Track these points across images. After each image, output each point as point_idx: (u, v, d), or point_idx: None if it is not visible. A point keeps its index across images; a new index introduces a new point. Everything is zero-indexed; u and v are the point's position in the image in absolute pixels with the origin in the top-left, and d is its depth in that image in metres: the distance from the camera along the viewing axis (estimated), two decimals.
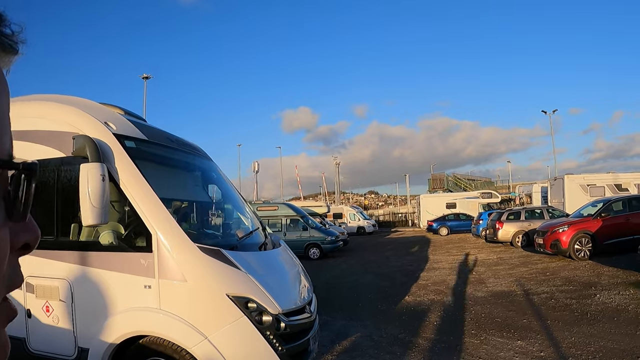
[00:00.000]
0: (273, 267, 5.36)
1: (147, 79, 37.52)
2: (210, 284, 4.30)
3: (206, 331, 4.11)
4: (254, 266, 4.70)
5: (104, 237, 4.48)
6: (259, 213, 20.31)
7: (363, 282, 14.05)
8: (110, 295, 4.30)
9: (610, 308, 8.65)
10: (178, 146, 5.71)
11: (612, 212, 15.51)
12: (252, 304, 4.29)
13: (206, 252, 4.34)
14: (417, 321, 8.67)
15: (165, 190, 5.04)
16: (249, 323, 4.22)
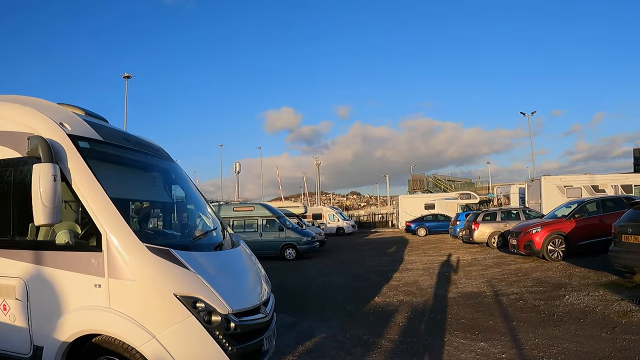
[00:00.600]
0: (227, 267, 5.31)
1: (128, 78, 37.52)
2: (158, 284, 4.31)
3: (154, 330, 4.14)
4: (205, 266, 4.70)
5: (59, 236, 4.47)
6: (235, 214, 20.26)
7: (335, 283, 13.89)
8: (64, 294, 4.35)
9: (578, 309, 8.52)
10: (135, 147, 5.65)
11: (586, 213, 15.42)
12: (201, 304, 4.32)
13: (154, 252, 4.38)
14: (383, 322, 8.51)
15: (119, 190, 5.08)
16: (197, 323, 4.26)
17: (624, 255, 9.92)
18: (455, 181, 74.48)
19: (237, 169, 57.52)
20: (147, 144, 6.05)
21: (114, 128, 5.69)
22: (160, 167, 6.22)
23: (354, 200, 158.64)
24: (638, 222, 9.78)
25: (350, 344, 7.23)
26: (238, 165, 57.59)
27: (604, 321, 7.60)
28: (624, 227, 10.05)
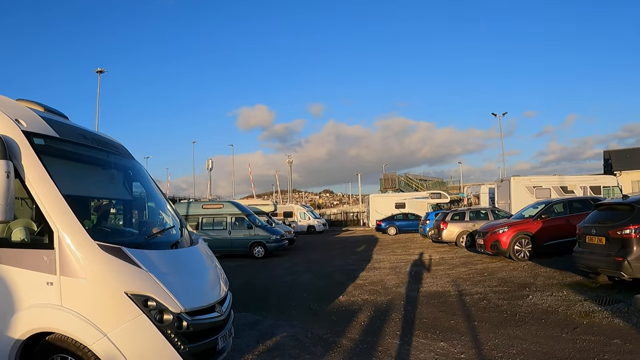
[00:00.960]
0: (182, 266, 5.28)
1: (101, 72, 37.09)
2: (109, 282, 4.29)
3: (105, 329, 4.13)
4: (158, 264, 4.69)
5: (15, 234, 4.44)
6: (204, 211, 20.11)
7: (301, 281, 13.79)
8: (17, 292, 4.31)
9: (541, 309, 8.49)
10: (93, 144, 5.56)
11: (553, 214, 15.49)
12: (152, 303, 4.31)
13: (106, 250, 4.36)
14: (345, 321, 8.42)
15: (73, 188, 5.05)
16: (148, 321, 4.25)
17: (588, 256, 9.91)
18: (427, 180, 74.91)
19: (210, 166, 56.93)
20: (106, 141, 5.94)
21: (72, 125, 5.58)
22: (119, 164, 6.11)
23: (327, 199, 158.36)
24: (602, 223, 9.77)
25: (310, 343, 7.14)
26: (211, 162, 56.88)
27: (565, 322, 7.57)
28: (588, 228, 10.03)
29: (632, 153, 48.50)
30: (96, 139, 5.71)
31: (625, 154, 48.79)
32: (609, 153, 50.43)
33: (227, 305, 5.47)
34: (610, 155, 49.21)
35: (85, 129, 5.71)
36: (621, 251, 8.96)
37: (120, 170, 6.16)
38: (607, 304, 8.38)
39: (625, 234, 8.96)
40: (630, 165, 44.80)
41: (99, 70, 36.81)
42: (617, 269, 9.03)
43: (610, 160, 48.02)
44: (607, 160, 49.56)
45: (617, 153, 49.50)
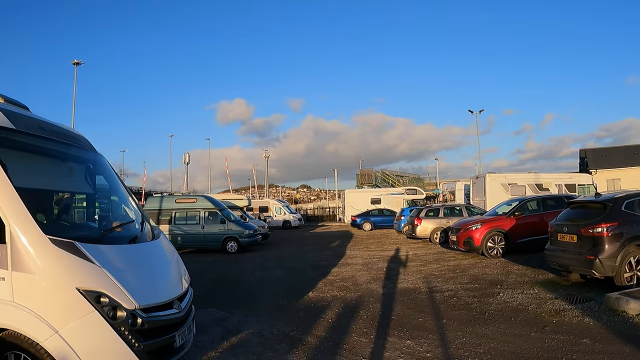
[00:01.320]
0: (139, 261, 5.20)
1: (78, 64, 36.51)
2: (61, 277, 4.19)
3: (57, 325, 4.02)
4: (113, 260, 4.61)
5: None
6: (177, 205, 19.96)
7: (272, 277, 13.59)
8: None
9: (511, 307, 8.36)
10: (52, 136, 5.39)
11: (527, 211, 15.48)
12: (105, 299, 4.21)
13: (58, 245, 4.25)
14: (313, 318, 8.27)
15: (29, 181, 4.97)
16: (100, 318, 4.16)
17: (560, 254, 9.84)
18: (404, 176, 74.96)
19: (187, 160, 57.10)
20: (66, 134, 5.75)
21: (31, 116, 5.38)
22: (79, 157, 5.94)
23: (304, 194, 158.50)
24: (574, 221, 9.69)
25: (275, 340, 7.00)
26: (187, 156, 57.27)
27: (535, 320, 7.44)
28: (560, 226, 9.96)
29: (607, 152, 49.09)
30: (56, 131, 5.50)
31: (601, 152, 49.33)
32: (585, 152, 50.95)
33: (187, 301, 5.37)
34: (586, 153, 49.70)
35: (45, 120, 5.51)
36: (593, 249, 8.89)
37: (80, 163, 5.99)
38: (578, 303, 8.28)
39: (597, 232, 8.89)
40: (606, 164, 45.29)
41: (76, 62, 36.21)
42: (588, 267, 8.96)
43: (586, 159, 48.52)
44: (583, 158, 50.08)
45: (593, 152, 50.00)
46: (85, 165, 6.03)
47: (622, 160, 45.28)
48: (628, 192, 9.82)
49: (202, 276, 14.03)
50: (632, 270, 8.77)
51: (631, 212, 9.08)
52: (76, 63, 36.20)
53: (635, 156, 45.65)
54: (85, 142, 6.08)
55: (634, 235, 8.82)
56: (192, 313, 5.58)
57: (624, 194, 9.55)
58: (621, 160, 45.32)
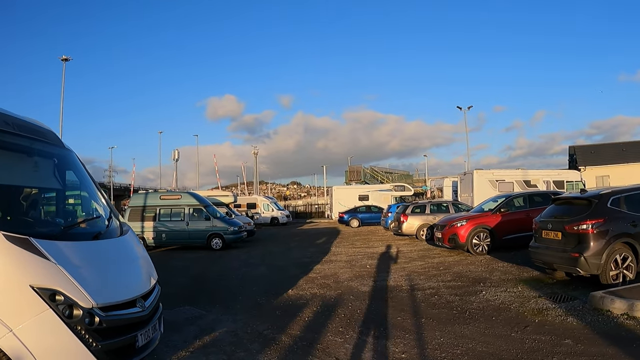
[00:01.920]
0: (101, 258, 5.02)
1: (67, 60, 36.05)
2: (13, 274, 4.04)
3: (11, 324, 3.87)
4: (71, 257, 4.46)
5: None
6: (162, 202, 19.84)
7: (254, 274, 13.38)
8: None
9: (493, 306, 8.13)
10: (16, 130, 5.17)
11: (513, 208, 15.26)
12: (60, 297, 4.08)
13: (12, 241, 4.11)
14: (289, 317, 8.03)
15: None
16: (55, 317, 4.02)
17: (544, 251, 9.62)
18: (393, 173, 74.82)
19: (176, 157, 57.08)
20: (32, 128, 5.53)
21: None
22: (45, 152, 5.76)
23: (294, 190, 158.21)
24: (559, 218, 9.47)
25: (249, 339, 6.81)
26: (177, 153, 57.34)
27: (516, 319, 7.20)
28: (545, 222, 9.73)
29: (596, 149, 49.23)
30: (20, 125, 5.30)
31: (590, 149, 49.41)
32: (574, 148, 51.01)
33: (152, 299, 5.22)
34: (576, 150, 49.76)
35: (9, 114, 5.30)
36: (577, 247, 8.68)
37: (46, 158, 5.79)
38: (562, 301, 8.06)
39: (581, 230, 8.67)
40: (595, 161, 45.37)
41: (64, 58, 35.76)
42: (573, 265, 8.74)
43: (575, 156, 48.59)
44: (572, 155, 50.15)
45: (582, 149, 50.07)
46: (51, 160, 5.85)
47: (611, 157, 45.34)
48: (614, 188, 9.61)
49: (183, 273, 13.93)
50: (617, 268, 8.56)
51: (617, 209, 8.87)
52: (64, 59, 35.82)
53: (624, 153, 45.74)
54: (53, 136, 5.90)
55: (620, 233, 8.62)
56: (158, 312, 5.43)
57: (609, 190, 9.33)
58: (610, 157, 45.38)
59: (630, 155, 44.86)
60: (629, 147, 47.56)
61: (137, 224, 21.28)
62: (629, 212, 8.87)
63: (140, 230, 21.12)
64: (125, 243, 5.57)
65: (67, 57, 35.84)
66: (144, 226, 21.32)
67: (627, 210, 8.92)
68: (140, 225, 21.30)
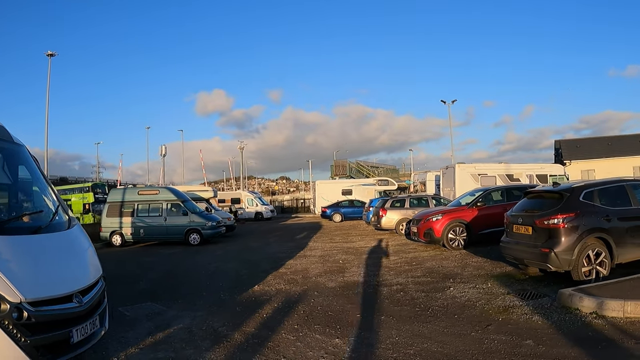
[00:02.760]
0: (37, 253, 4.97)
1: (52, 56, 35.19)
2: None
3: None
4: (1, 251, 4.43)
5: None
6: (140, 197, 19.66)
7: (225, 269, 13.11)
8: None
9: (458, 303, 7.79)
10: None
11: (491, 202, 14.95)
12: None
13: None
14: (249, 313, 7.80)
15: None
16: None
17: (515, 246, 9.29)
18: (379, 167, 74.55)
19: (163, 153, 57.43)
20: None
21: None
22: None
23: (283, 185, 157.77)
24: (530, 212, 9.14)
25: (201, 336, 6.62)
26: (164, 148, 57.72)
27: (480, 318, 6.88)
28: (515, 217, 9.40)
29: (582, 143, 49.08)
30: None
31: (575, 143, 49.27)
32: (559, 142, 50.85)
33: (93, 294, 5.16)
34: (561, 144, 49.60)
35: None
36: (548, 242, 8.34)
37: None
38: (530, 298, 7.72)
39: (552, 224, 8.33)
40: (580, 155, 45.27)
41: (50, 53, 34.96)
42: (543, 260, 8.39)
43: (560, 150, 48.43)
44: (558, 149, 50.01)
45: (567, 142, 49.93)
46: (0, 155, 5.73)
47: (596, 151, 45.27)
48: (587, 182, 9.28)
49: (155, 269, 13.77)
50: (590, 264, 8.22)
51: (590, 203, 8.52)
52: (50, 54, 35.02)
53: (610, 147, 45.67)
54: (3, 131, 5.80)
55: (593, 227, 8.27)
56: (101, 307, 5.38)
57: (582, 184, 8.99)
58: (596, 151, 45.31)
59: (616, 150, 44.81)
60: (615, 141, 47.54)
61: (115, 219, 21.24)
62: (602, 206, 8.53)
63: (118, 225, 21.10)
64: (69, 237, 5.49)
65: (53, 53, 34.80)
66: (122, 222, 21.18)
67: (601, 204, 8.57)
68: (119, 220, 21.21)
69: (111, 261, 16.10)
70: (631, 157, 43.17)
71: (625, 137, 49.30)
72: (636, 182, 9.27)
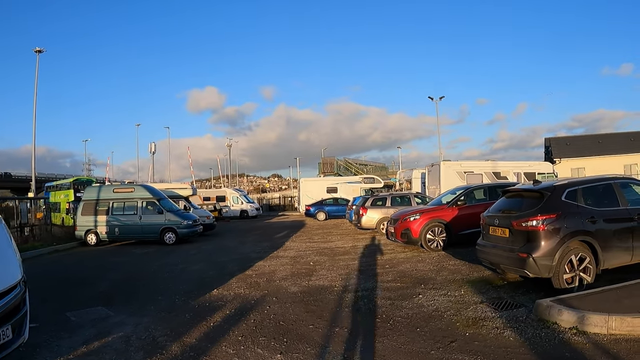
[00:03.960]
0: None
1: (40, 52, 35.29)
2: None
3: None
4: None
5: None
6: (115, 195, 20.24)
7: (189, 271, 12.46)
8: None
9: (424, 314, 6.99)
10: None
11: (473, 200, 14.15)
12: None
13: None
14: (196, 321, 7.20)
15: None
16: None
17: (490, 250, 8.49)
18: (368, 165, 73.85)
19: (153, 150, 57.86)
20: None
21: None
22: None
23: (275, 183, 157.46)
24: (506, 212, 8.33)
25: (137, 347, 6.12)
26: (153, 145, 58.10)
27: (445, 332, 6.09)
28: (492, 218, 8.61)
29: (572, 141, 48.46)
30: None
31: (565, 141, 48.61)
32: (549, 140, 50.16)
33: (5, 301, 4.85)
34: (551, 142, 48.88)
35: None
36: (526, 246, 7.53)
37: None
38: (505, 309, 6.92)
39: (530, 226, 7.51)
40: (570, 153, 44.68)
41: (38, 49, 35.15)
42: (520, 266, 7.58)
43: (550, 147, 47.69)
44: (548, 147, 49.30)
45: (557, 140, 49.26)
46: None
47: (587, 149, 44.63)
48: (571, 180, 8.46)
49: (119, 270, 13.26)
50: (573, 270, 7.41)
51: (573, 203, 7.71)
52: (38, 51, 35.14)
53: (600, 145, 45.03)
54: None
55: (576, 230, 7.45)
56: (18, 315, 5.05)
57: (565, 182, 8.17)
58: (586, 149, 44.66)
59: (607, 148, 44.18)
60: (606, 139, 46.89)
61: (90, 217, 20.82)
62: (587, 207, 7.71)
63: (93, 224, 20.70)
64: None
65: (41, 49, 35.15)
66: (97, 220, 20.78)
67: (585, 204, 7.75)
68: (94, 219, 20.81)
69: (78, 262, 15.67)
70: (622, 155, 42.57)
71: (616, 135, 48.76)
72: (624, 181, 8.47)
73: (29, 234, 21.38)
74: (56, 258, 16.91)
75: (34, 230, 21.73)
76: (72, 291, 9.97)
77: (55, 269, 14.18)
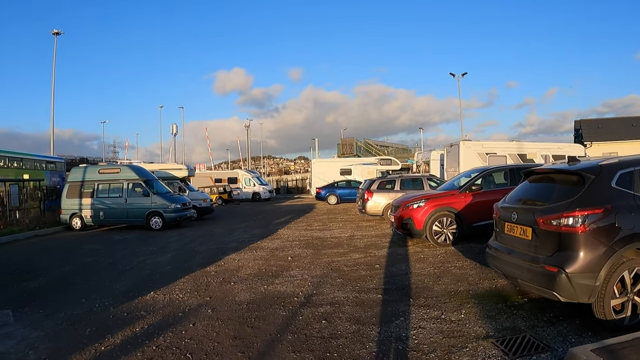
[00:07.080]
0: None
1: (58, 34, 34.09)
2: None
3: None
4: None
5: None
6: (100, 176, 18.59)
7: (146, 265, 10.78)
8: None
9: (397, 355, 4.61)
10: None
11: (492, 185, 11.65)
12: None
13: None
14: (91, 340, 5.58)
15: None
16: None
17: (505, 257, 5.93)
18: (389, 147, 70.91)
19: (175, 132, 58.43)
20: None
21: None
22: None
23: (301, 165, 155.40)
24: (531, 203, 5.81)
25: None
26: (175, 127, 58.42)
27: None
28: (508, 210, 6.07)
29: (604, 123, 44.55)
30: None
31: (596, 124, 44.64)
32: (579, 123, 46.39)
33: None
34: (581, 125, 44.96)
35: None
36: (556, 255, 4.97)
37: None
38: (520, 352, 4.47)
39: (564, 226, 4.94)
40: (602, 137, 41.08)
41: (56, 32, 33.97)
42: (547, 285, 5.03)
43: (580, 130, 44.10)
44: (578, 130, 45.63)
45: (588, 123, 45.19)
46: None
47: (619, 132, 41.01)
48: (623, 158, 5.74)
49: (75, 261, 11.75)
50: (625, 293, 4.89)
51: (629, 192, 5.11)
52: (56, 33, 34.00)
53: (634, 128, 41.33)
54: None
55: (633, 233, 4.87)
56: None
57: (615, 160, 5.52)
58: (619, 132, 41.04)
59: None
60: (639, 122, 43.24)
61: (75, 200, 19.90)
62: None
63: (78, 207, 19.75)
64: None
65: (59, 31, 34.14)
66: (81, 203, 19.88)
67: None
68: (78, 202, 19.87)
69: (45, 249, 14.48)
70: None
71: None
72: None
73: (20, 217, 20.72)
74: (26, 244, 15.78)
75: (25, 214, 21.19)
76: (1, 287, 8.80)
77: (13, 257, 12.96)
